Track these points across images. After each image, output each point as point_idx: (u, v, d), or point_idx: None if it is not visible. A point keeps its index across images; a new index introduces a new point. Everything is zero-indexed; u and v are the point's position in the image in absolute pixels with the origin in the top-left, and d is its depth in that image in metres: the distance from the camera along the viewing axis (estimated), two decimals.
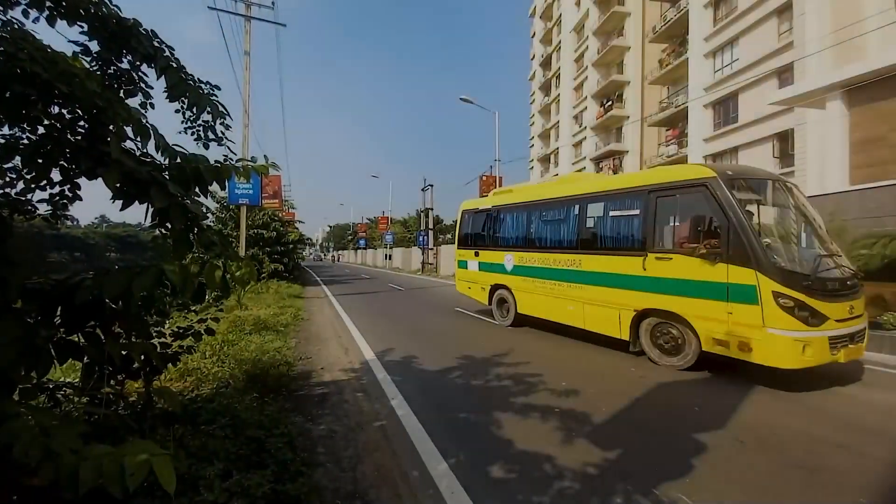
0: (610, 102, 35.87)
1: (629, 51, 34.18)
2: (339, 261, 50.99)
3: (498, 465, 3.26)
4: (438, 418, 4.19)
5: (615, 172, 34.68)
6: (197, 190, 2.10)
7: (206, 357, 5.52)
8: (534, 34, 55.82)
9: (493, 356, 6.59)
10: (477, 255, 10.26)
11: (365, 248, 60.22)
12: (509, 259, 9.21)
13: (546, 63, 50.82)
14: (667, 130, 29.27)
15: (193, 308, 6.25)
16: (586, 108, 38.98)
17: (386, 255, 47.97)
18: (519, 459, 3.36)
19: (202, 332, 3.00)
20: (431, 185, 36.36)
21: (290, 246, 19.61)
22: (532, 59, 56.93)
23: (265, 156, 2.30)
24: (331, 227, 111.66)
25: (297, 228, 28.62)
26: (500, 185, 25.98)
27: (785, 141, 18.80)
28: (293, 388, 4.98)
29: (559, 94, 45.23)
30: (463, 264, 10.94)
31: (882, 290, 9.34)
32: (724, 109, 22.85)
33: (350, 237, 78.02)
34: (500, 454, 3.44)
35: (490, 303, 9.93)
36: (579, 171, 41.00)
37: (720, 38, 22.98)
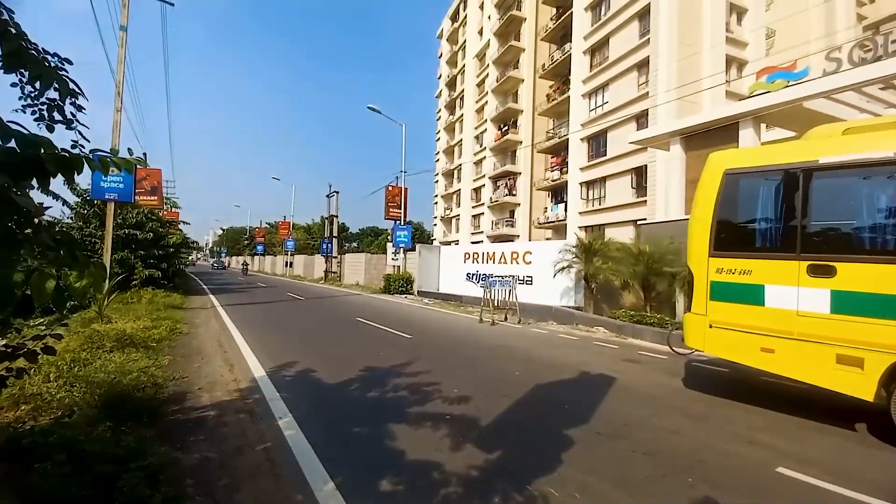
0: (506, 127, 38.49)
1: (523, 83, 37.12)
2: (248, 271, 43.94)
3: (387, 478, 3.24)
4: (330, 435, 4.03)
5: (510, 192, 37.21)
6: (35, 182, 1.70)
7: (50, 380, 4.61)
8: (441, 55, 57.76)
9: (393, 367, 6.56)
10: (817, 272, 4.38)
11: (263, 255, 55.75)
12: None
13: (451, 84, 52.81)
14: (552, 157, 32.29)
15: (38, 322, 5.19)
16: (486, 129, 41.30)
17: (286, 263, 44.94)
18: (409, 470, 3.38)
19: (39, 350, 2.47)
20: (337, 192, 35.19)
21: (171, 250, 17.29)
22: (439, 79, 58.77)
23: (129, 149, 2.00)
24: (223, 230, 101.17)
25: (180, 230, 25.45)
26: (405, 196, 26.46)
27: (640, 175, 22.05)
28: (162, 413, 4.38)
29: (462, 115, 47.28)
30: (739, 293, 4.95)
31: None
32: (596, 144, 26.01)
33: (246, 242, 71.66)
34: (390, 467, 3.42)
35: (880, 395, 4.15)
36: (478, 188, 43.14)
37: (595, 82, 26.16)
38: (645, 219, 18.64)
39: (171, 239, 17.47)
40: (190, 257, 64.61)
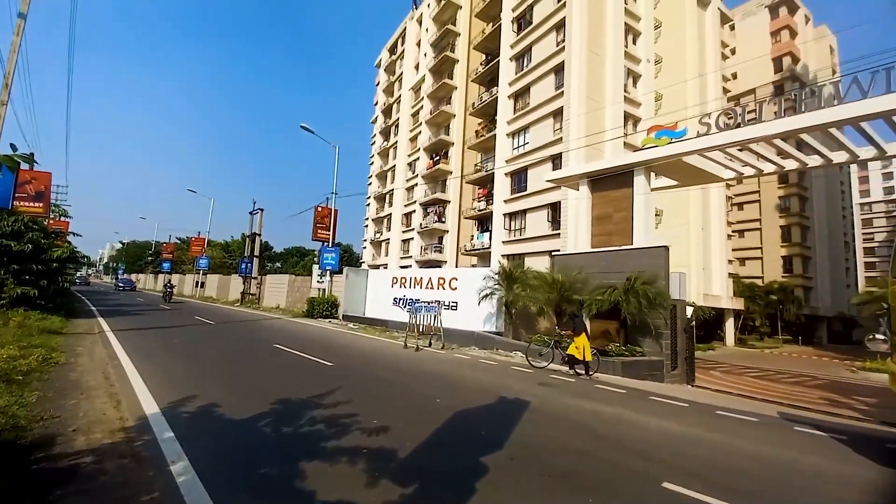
0: (438, 157, 39.58)
1: (455, 118, 38.68)
2: (171, 295, 28.98)
3: None
4: (233, 479, 3.66)
5: (439, 219, 37.96)
6: None
7: None
8: (378, 83, 58.43)
9: (311, 398, 6.18)
10: None
11: (170, 273, 50.25)
12: None
13: (387, 111, 53.39)
14: (479, 189, 33.67)
15: None
16: (419, 158, 42.08)
17: (197, 282, 40.81)
18: None
19: None
20: (261, 209, 33.22)
21: (55, 265, 14.84)
22: (375, 105, 59.17)
23: (12, 144, 1.75)
24: (123, 243, 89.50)
25: (69, 242, 22.15)
26: (335, 217, 25.77)
27: (555, 210, 23.82)
28: (24, 462, 3.68)
29: (397, 142, 47.82)
30: None
31: (608, 326, 12.34)
32: (518, 179, 27.69)
33: (150, 258, 64.20)
34: None
35: None
36: (409, 214, 43.44)
37: (518, 124, 28.08)
38: (559, 250, 20.04)
39: (55, 252, 15.04)
40: (80, 273, 55.86)
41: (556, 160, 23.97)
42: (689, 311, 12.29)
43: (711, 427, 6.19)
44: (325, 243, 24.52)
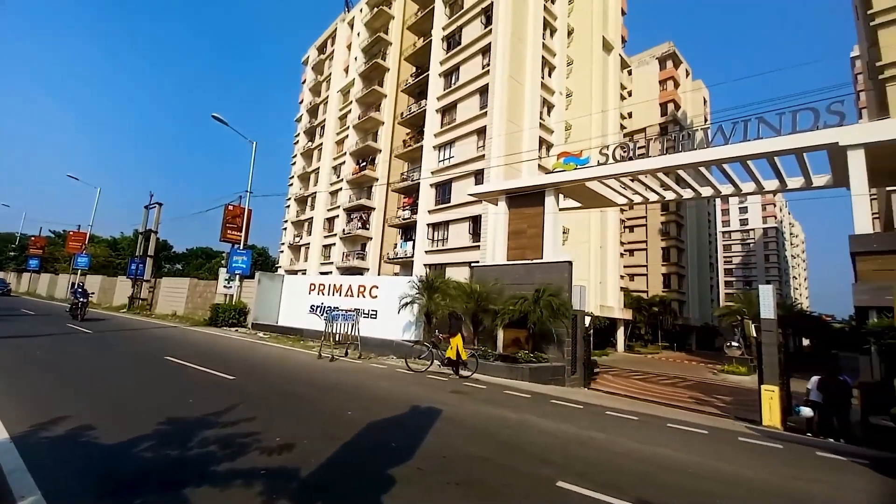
0: (365, 163, 38.84)
1: (383, 125, 38.35)
2: (85, 307, 18.04)
3: None
4: None
5: (363, 225, 37.16)
6: None
7: None
8: (304, 81, 55.89)
9: (206, 416, 5.58)
10: None
11: (38, 271, 42.47)
12: None
13: (313, 111, 51.20)
14: (405, 197, 33.67)
15: None
16: (345, 162, 40.90)
17: (73, 284, 34.78)
18: None
19: None
20: (159, 204, 29.52)
21: None
22: (301, 103, 56.46)
23: None
24: None
25: None
26: (248, 217, 23.83)
27: (476, 223, 24.69)
28: None
29: (322, 143, 45.99)
30: None
31: (519, 335, 13.02)
32: (443, 191, 28.24)
33: (13, 253, 53.70)
34: None
35: None
36: (332, 219, 41.91)
37: (444, 138, 28.72)
38: (478, 261, 20.75)
39: None
40: None
41: (479, 175, 24.89)
42: (588, 320, 13.46)
43: (601, 427, 6.80)
44: (236, 245, 22.61)
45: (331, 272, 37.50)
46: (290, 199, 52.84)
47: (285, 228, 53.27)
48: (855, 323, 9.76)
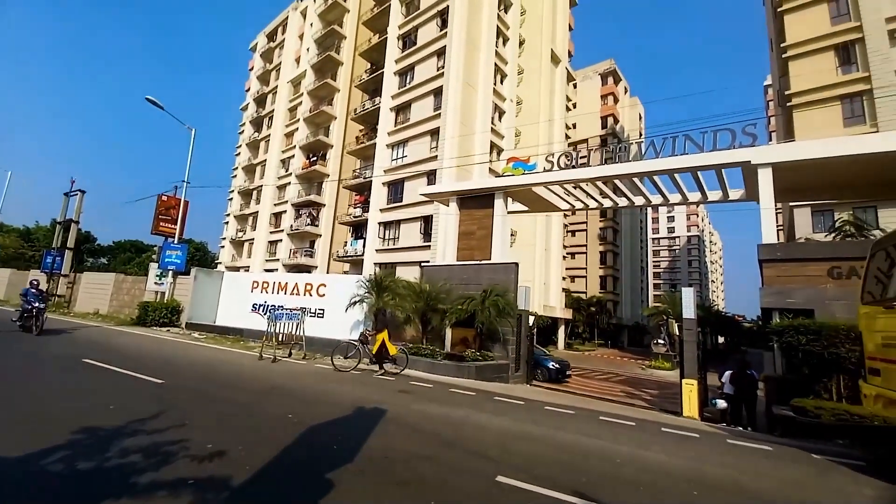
0: (315, 158, 37.50)
1: (336, 120, 37.25)
2: (42, 315, 12.72)
3: None
4: None
5: (312, 222, 35.87)
6: None
7: None
8: (252, 68, 52.88)
9: (129, 424, 5.08)
10: None
11: None
12: None
13: (261, 101, 48.60)
14: (356, 195, 32.94)
15: None
16: (294, 156, 39.22)
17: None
18: None
19: None
20: (82, 191, 26.52)
21: None
22: (247, 91, 53.35)
23: None
24: None
25: None
26: (185, 209, 22.03)
27: (428, 223, 24.72)
28: None
29: (270, 135, 43.78)
30: None
31: (467, 334, 13.19)
32: (395, 190, 27.98)
33: None
34: None
35: None
36: (279, 214, 40.03)
37: (398, 137, 28.45)
38: (429, 261, 20.77)
39: None
40: None
41: (431, 176, 24.92)
42: (532, 320, 13.93)
43: (540, 422, 7.05)
44: (170, 238, 20.91)
45: (277, 269, 35.81)
46: (233, 191, 49.81)
47: (227, 222, 50.15)
48: (761, 323, 10.91)
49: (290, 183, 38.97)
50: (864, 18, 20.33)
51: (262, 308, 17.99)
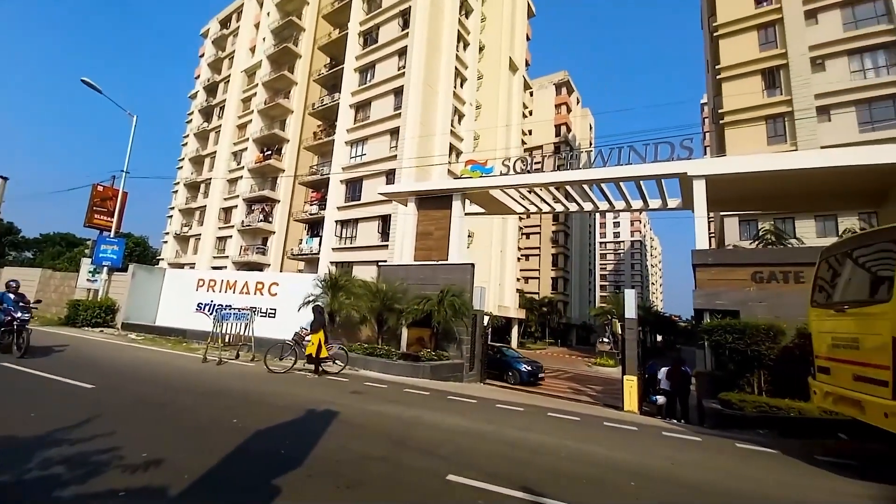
0: (270, 152, 35.91)
1: (292, 114, 35.91)
2: (23, 328, 9.37)
3: None
4: None
5: (265, 218, 34.34)
6: None
7: None
8: (203, 55, 49.74)
9: (53, 433, 4.60)
10: None
11: None
12: None
13: (212, 89, 45.81)
14: (313, 192, 31.94)
15: None
16: (247, 148, 37.33)
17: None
18: None
19: None
20: (4, 178, 23.68)
21: None
22: (197, 79, 50.11)
23: None
24: None
25: None
26: (123, 201, 20.18)
27: (386, 222, 24.46)
28: None
29: (221, 126, 41.34)
30: None
31: (423, 334, 13.19)
32: (353, 188, 27.43)
33: None
34: None
35: None
36: (229, 209, 37.95)
37: (357, 134, 27.92)
38: (386, 261, 20.54)
39: None
40: None
41: (390, 175, 24.67)
42: (486, 319, 14.16)
43: (491, 419, 7.18)
44: (105, 232, 19.20)
45: (225, 267, 33.95)
46: (178, 183, 46.66)
47: (171, 216, 46.90)
48: (694, 322, 11.77)
49: (241, 177, 37.04)
50: (789, 46, 22.43)
51: (207, 308, 16.96)
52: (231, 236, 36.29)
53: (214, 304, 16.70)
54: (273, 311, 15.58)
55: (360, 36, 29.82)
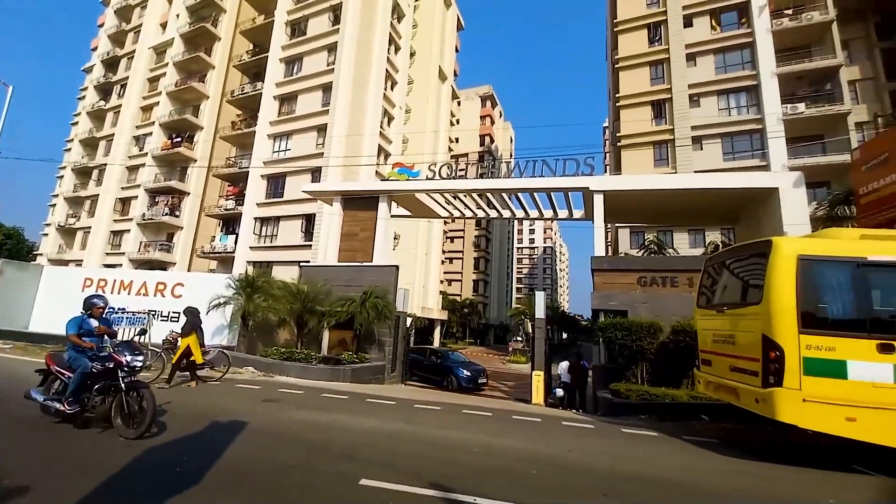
0: (180, 139, 32.08)
1: (208, 100, 32.58)
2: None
3: None
4: None
5: (172, 212, 30.70)
6: None
7: None
8: (102, 24, 42.85)
9: None
10: (891, 350, 4.87)
11: None
12: None
13: (112, 64, 39.69)
14: (229, 185, 29.25)
15: None
16: (152, 133, 32.97)
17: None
18: None
19: None
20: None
21: None
22: (94, 50, 42.99)
23: None
24: None
25: None
26: None
27: (310, 221, 23.27)
28: None
29: (122, 105, 35.95)
30: (826, 368, 4.99)
31: (345, 336, 12.76)
32: (276, 184, 25.69)
33: None
34: None
35: None
36: (128, 199, 33.16)
37: (281, 128, 26.21)
38: (309, 261, 19.51)
39: None
40: None
41: (316, 173, 23.53)
42: (409, 321, 14.14)
43: (409, 420, 7.17)
44: None
45: (121, 265, 29.64)
46: (65, 167, 39.74)
47: (54, 205, 39.81)
48: (592, 321, 12.94)
49: (144, 164, 32.61)
50: (673, 83, 25.65)
51: None
52: (129, 230, 31.74)
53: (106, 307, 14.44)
54: (177, 315, 13.91)
55: (287, 25, 28.04)
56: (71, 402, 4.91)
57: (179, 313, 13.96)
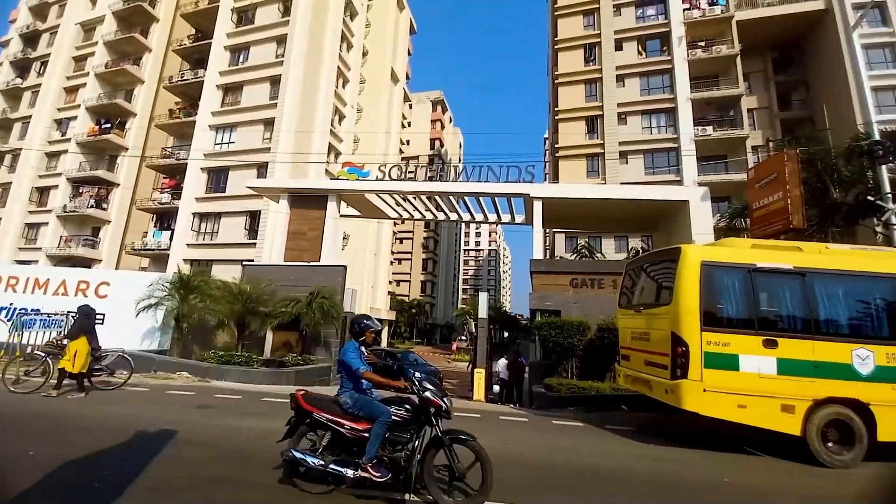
0: (109, 125, 28.82)
1: (143, 84, 29.65)
2: None
3: None
4: None
5: (98, 204, 27.59)
6: None
7: None
8: None
9: None
10: (773, 345, 5.44)
11: None
12: (865, 357, 5.38)
13: (31, 39, 34.61)
14: (165, 178, 26.83)
15: None
16: (77, 117, 29.32)
17: None
18: None
19: None
20: None
21: None
22: (12, 23, 37.08)
23: None
24: None
25: None
26: None
27: (255, 218, 21.99)
28: None
29: (41, 85, 31.47)
30: (722, 361, 5.49)
31: (290, 338, 12.27)
32: (217, 178, 23.98)
33: None
34: None
35: (804, 431, 5.27)
36: (46, 189, 29.19)
37: (224, 119, 24.51)
38: (252, 260, 18.44)
39: None
40: None
41: (262, 168, 22.27)
42: None
43: None
44: None
45: (37, 261, 26.06)
46: None
47: None
48: (530, 320, 13.54)
49: (67, 151, 28.93)
50: (605, 101, 27.33)
51: (5, 312, 12.76)
52: (47, 223, 27.96)
53: (14, 308, 12.65)
54: (101, 317, 12.52)
55: (233, 12, 26.22)
56: (376, 465, 3.57)
57: (104, 315, 12.62)
